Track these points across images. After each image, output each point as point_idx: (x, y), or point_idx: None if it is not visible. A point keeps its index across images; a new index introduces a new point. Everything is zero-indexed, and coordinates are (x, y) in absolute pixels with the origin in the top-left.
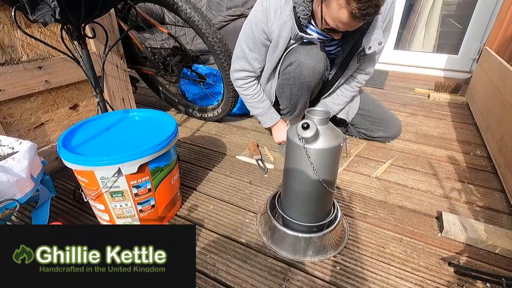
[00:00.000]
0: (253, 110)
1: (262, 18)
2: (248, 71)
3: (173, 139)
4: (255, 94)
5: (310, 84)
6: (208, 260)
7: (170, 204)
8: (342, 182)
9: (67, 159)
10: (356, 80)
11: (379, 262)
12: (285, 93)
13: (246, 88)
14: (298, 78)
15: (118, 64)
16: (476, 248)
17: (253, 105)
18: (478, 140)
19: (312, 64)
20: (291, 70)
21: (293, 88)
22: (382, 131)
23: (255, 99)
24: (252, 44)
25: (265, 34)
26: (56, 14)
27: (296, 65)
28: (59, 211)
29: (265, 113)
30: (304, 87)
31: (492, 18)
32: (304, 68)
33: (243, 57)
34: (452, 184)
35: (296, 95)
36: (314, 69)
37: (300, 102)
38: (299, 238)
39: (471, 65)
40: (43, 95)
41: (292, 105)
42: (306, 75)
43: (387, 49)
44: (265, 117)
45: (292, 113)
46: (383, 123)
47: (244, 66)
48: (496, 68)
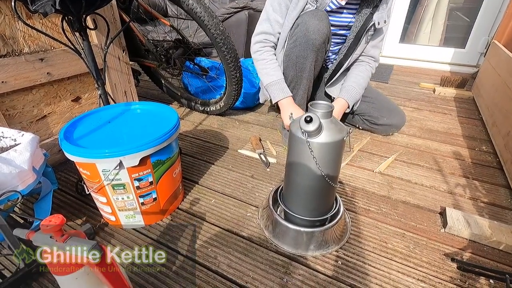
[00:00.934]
0: (266, 77)
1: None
2: (268, 33)
3: (175, 132)
4: (270, 59)
5: (315, 42)
6: (210, 253)
7: (172, 197)
8: (345, 176)
9: (68, 151)
10: (370, 65)
11: (381, 257)
12: (291, 59)
13: (262, 52)
14: (303, 36)
15: (120, 57)
16: (480, 244)
17: (267, 71)
18: (484, 135)
19: (317, 22)
20: (297, 30)
21: (299, 49)
22: (386, 118)
23: (271, 65)
24: (276, 5)
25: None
26: (56, 4)
27: (302, 25)
28: (62, 204)
29: (277, 82)
30: (310, 46)
31: (501, 11)
32: (309, 26)
33: (266, 19)
34: (457, 179)
35: (302, 57)
36: (319, 26)
37: (306, 68)
38: (301, 233)
39: (478, 59)
40: (45, 87)
41: (297, 72)
42: (311, 32)
43: (392, 42)
44: (277, 88)
45: (298, 87)
46: (386, 111)
47: (265, 28)
48: (504, 62)
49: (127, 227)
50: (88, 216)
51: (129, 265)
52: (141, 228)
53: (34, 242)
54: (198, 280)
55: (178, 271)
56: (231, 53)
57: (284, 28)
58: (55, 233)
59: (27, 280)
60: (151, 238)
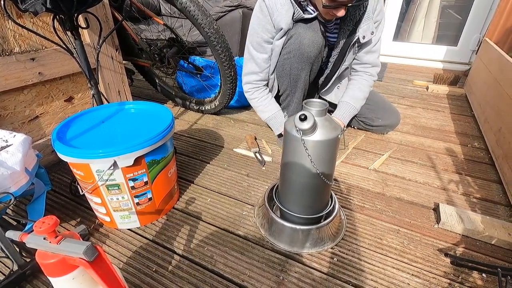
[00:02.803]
0: (262, 114)
1: (263, 16)
2: (255, 73)
3: (170, 131)
4: (261, 97)
5: (310, 54)
6: (206, 252)
7: (168, 197)
8: (340, 174)
9: (62, 152)
10: (368, 73)
11: (376, 254)
12: (285, 70)
13: (253, 93)
14: (298, 49)
15: (113, 56)
16: (473, 239)
17: (261, 109)
18: (476, 132)
19: (311, 34)
20: (291, 42)
21: (293, 61)
22: (381, 119)
23: (262, 102)
24: (257, 46)
25: (268, 32)
26: (47, 3)
27: (296, 37)
28: (56, 205)
29: (273, 117)
30: (304, 58)
31: (492, 9)
32: (303, 38)
33: (250, 58)
34: (450, 176)
35: (296, 69)
36: (314, 38)
37: (300, 79)
38: (297, 230)
39: (470, 57)
40: (37, 87)
41: (292, 82)
42: (306, 45)
43: (386, 41)
44: (274, 122)
45: (292, 95)
46: (381, 112)
47: (251, 68)
48: (496, 59)
49: (123, 228)
50: (82, 217)
51: (125, 265)
52: (136, 228)
53: (27, 244)
54: (195, 279)
55: (174, 271)
56: (225, 52)
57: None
58: (48, 235)
59: (21, 282)
60: (146, 238)
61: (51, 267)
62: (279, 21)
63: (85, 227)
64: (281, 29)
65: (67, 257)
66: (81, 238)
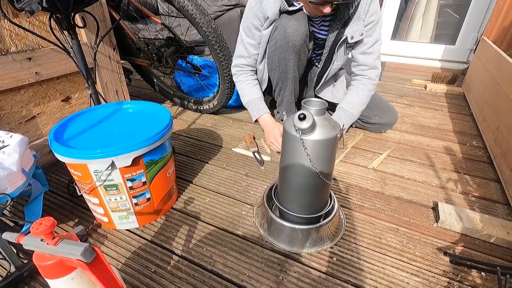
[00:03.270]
0: (243, 98)
1: (254, 3)
2: (243, 56)
3: (168, 131)
4: (245, 81)
5: (295, 43)
6: (205, 252)
7: (166, 197)
8: (339, 173)
9: (59, 152)
10: (366, 77)
11: (375, 253)
12: (274, 62)
13: (238, 75)
14: (283, 38)
15: (110, 56)
16: (472, 237)
17: (242, 92)
18: (474, 130)
19: (294, 23)
20: (276, 33)
21: (280, 51)
22: (378, 117)
23: (245, 85)
24: (247, 30)
25: (258, 19)
26: (43, 2)
27: (280, 27)
28: (54, 205)
29: (252, 102)
30: (290, 47)
31: (490, 8)
32: (287, 27)
33: (240, 41)
34: (448, 174)
35: (284, 59)
36: (297, 27)
37: (289, 69)
38: (296, 230)
39: (468, 56)
40: (34, 87)
41: (282, 74)
42: (290, 34)
43: (384, 39)
44: (252, 108)
45: (284, 89)
46: (379, 109)
47: (241, 52)
48: (493, 58)
49: (121, 228)
50: (80, 218)
51: (124, 266)
52: (135, 229)
53: (24, 245)
54: (194, 280)
55: (173, 271)
56: (224, 51)
57: (261, 44)
58: (45, 236)
59: (18, 284)
60: (145, 239)
61: (48, 269)
62: (266, 9)
63: (83, 228)
64: (267, 18)
65: (64, 259)
66: (79, 239)
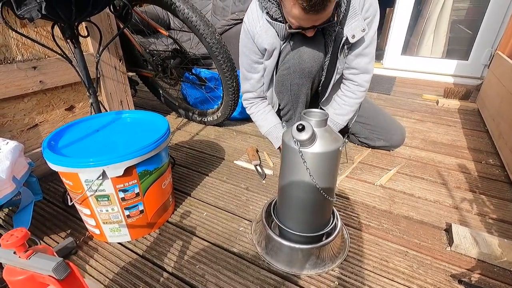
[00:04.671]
0: (261, 129)
1: (247, 39)
2: (250, 91)
3: (164, 141)
4: (258, 111)
5: (311, 69)
6: (197, 270)
7: (161, 210)
8: (344, 190)
9: (50, 160)
10: (355, 83)
11: (381, 278)
12: (285, 86)
13: (250, 108)
14: (298, 64)
15: (116, 66)
16: (490, 264)
17: (259, 123)
18: (490, 148)
19: (311, 48)
20: (290, 57)
21: (294, 77)
22: (383, 140)
23: (260, 116)
24: (248, 67)
25: (255, 53)
26: (42, 10)
27: (295, 52)
28: (48, 215)
29: (270, 132)
30: (305, 74)
31: (504, 23)
32: (303, 53)
33: (244, 78)
34: (463, 194)
35: (297, 85)
36: (314, 53)
37: (302, 94)
38: (295, 249)
39: (482, 71)
40: (38, 95)
41: (293, 98)
42: (306, 61)
43: (394, 54)
44: (272, 137)
45: (294, 110)
46: (383, 132)
47: (247, 88)
48: (509, 72)
49: (112, 241)
50: (73, 229)
51: (110, 282)
52: (127, 242)
53: None
54: None
55: None
56: (227, 62)
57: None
58: (17, 249)
59: None
60: (136, 254)
61: (18, 285)
62: (261, 42)
63: (72, 240)
64: (264, 49)
65: (36, 274)
66: (68, 251)
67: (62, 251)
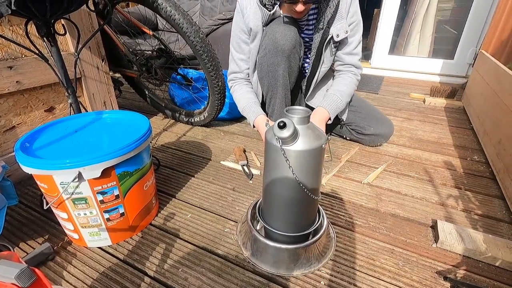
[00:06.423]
0: (239, 105)
1: (238, 18)
2: (235, 72)
3: (144, 141)
4: (239, 89)
5: (284, 47)
6: (180, 274)
7: (143, 212)
8: (331, 188)
9: (23, 163)
10: (352, 72)
11: (368, 276)
12: (263, 69)
13: (233, 85)
14: (272, 43)
15: (98, 66)
16: (475, 260)
17: (238, 100)
18: (475, 145)
19: (283, 28)
20: (266, 38)
21: (269, 57)
22: (373, 128)
23: (239, 93)
24: (236, 45)
25: (244, 32)
26: (11, 5)
27: (270, 33)
28: (25, 220)
29: (247, 106)
30: (279, 52)
31: (487, 22)
32: (276, 32)
33: (232, 59)
34: (449, 190)
35: (273, 64)
36: (286, 31)
37: (279, 75)
38: (280, 250)
39: (467, 70)
40: (15, 96)
41: (271, 80)
42: (279, 38)
43: (382, 54)
44: (248, 111)
45: (274, 93)
46: (374, 120)
47: (233, 68)
48: (493, 70)
49: (92, 246)
50: (51, 234)
51: None
52: (107, 246)
53: None
54: None
55: None
56: (212, 61)
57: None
58: None
59: None
60: (117, 258)
61: None
62: (248, 21)
63: (49, 245)
64: (250, 29)
65: None
66: (45, 257)
67: (37, 257)
